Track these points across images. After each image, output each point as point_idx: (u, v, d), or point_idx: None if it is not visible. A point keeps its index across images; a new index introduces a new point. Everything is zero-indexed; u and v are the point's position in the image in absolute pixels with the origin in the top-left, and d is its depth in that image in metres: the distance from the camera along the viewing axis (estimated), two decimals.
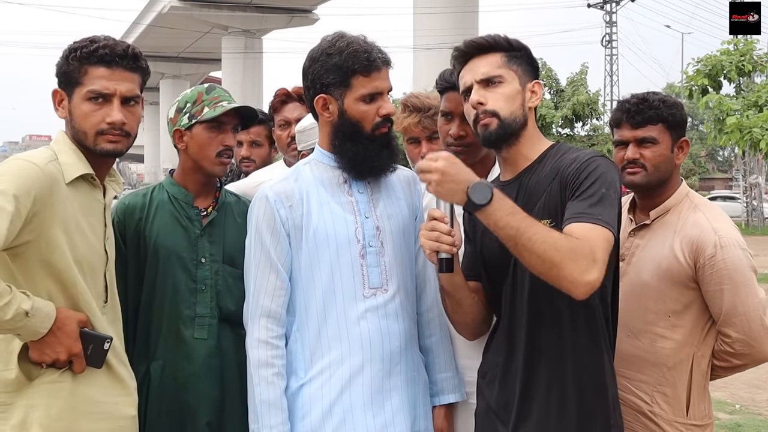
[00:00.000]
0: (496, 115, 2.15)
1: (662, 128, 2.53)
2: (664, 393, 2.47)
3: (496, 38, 2.20)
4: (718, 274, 2.41)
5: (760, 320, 2.43)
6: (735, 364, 2.52)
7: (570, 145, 2.33)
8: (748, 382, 7.43)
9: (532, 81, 2.22)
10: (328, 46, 2.24)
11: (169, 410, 2.48)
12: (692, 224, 2.48)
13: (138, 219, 2.56)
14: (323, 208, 2.27)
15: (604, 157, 2.11)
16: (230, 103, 2.56)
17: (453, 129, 2.57)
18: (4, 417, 2.08)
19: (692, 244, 2.45)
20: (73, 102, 2.20)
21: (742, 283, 2.42)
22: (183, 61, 50.57)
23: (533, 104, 2.22)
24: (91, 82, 2.17)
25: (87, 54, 2.17)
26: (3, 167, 2.06)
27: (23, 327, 2.00)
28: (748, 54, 16.97)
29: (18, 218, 1.97)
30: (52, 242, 2.08)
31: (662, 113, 2.53)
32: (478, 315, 2.28)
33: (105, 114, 2.18)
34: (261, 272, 2.25)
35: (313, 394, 2.22)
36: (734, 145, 17.44)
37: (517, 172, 2.21)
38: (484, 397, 2.27)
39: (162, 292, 2.52)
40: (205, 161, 2.57)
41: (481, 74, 2.17)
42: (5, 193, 1.96)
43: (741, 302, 2.41)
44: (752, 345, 2.44)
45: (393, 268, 2.29)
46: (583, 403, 2.08)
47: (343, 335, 2.23)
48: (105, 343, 2.15)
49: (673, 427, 2.47)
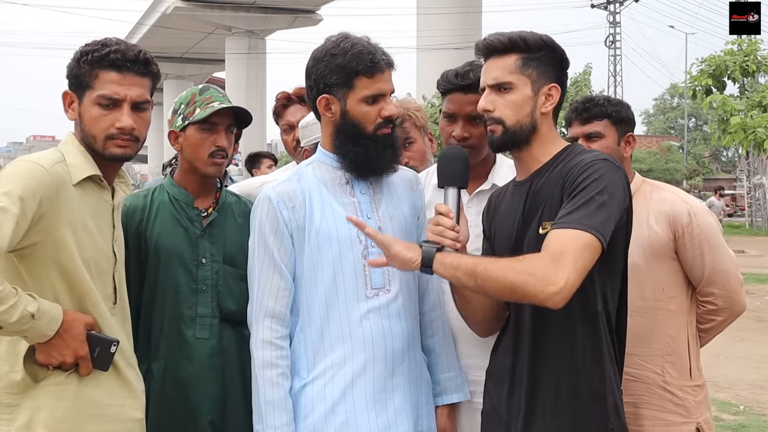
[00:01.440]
0: (502, 123, 2.15)
1: (607, 123, 2.77)
2: (672, 362, 2.67)
3: (513, 39, 2.16)
4: (698, 239, 2.65)
5: (735, 274, 2.72)
6: (717, 323, 2.75)
7: (583, 146, 2.32)
8: (752, 383, 7.42)
9: (549, 84, 2.18)
10: (332, 47, 2.24)
11: (171, 410, 2.49)
12: (660, 200, 2.71)
13: (139, 220, 2.56)
14: (326, 208, 2.27)
15: (607, 160, 2.08)
16: (222, 104, 2.55)
17: (456, 131, 2.57)
18: (10, 418, 2.08)
19: (668, 217, 2.67)
20: (84, 105, 2.20)
21: (717, 244, 2.68)
22: (186, 61, 50.63)
23: (547, 109, 2.18)
24: (101, 87, 2.17)
25: (98, 58, 2.17)
26: (9, 169, 2.07)
27: (29, 329, 2.00)
28: (752, 54, 16.96)
29: (24, 220, 1.98)
30: (60, 243, 2.08)
31: (606, 110, 2.78)
32: (489, 312, 2.27)
33: (115, 119, 2.18)
34: (265, 273, 2.26)
35: (315, 394, 2.23)
36: (738, 146, 17.43)
37: (529, 174, 2.21)
38: (490, 398, 2.27)
39: (163, 292, 2.53)
40: (198, 162, 2.58)
41: (492, 79, 2.16)
42: (11, 195, 1.96)
43: (719, 261, 2.67)
44: (732, 298, 2.70)
45: (395, 269, 2.29)
46: (581, 407, 2.07)
47: (346, 335, 2.24)
48: (111, 347, 2.15)
49: (683, 391, 2.66)
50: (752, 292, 13.51)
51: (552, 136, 2.21)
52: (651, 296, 2.66)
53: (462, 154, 2.23)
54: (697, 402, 2.68)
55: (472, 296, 2.22)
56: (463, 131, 2.56)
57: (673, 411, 2.64)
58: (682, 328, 2.68)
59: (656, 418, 2.64)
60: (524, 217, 2.17)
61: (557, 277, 1.89)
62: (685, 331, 2.69)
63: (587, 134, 2.77)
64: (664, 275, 2.67)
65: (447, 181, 2.18)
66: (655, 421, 2.64)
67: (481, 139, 2.54)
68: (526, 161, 2.21)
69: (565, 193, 2.06)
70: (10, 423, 2.08)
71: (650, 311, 2.66)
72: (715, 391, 7.05)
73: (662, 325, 2.66)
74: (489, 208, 2.37)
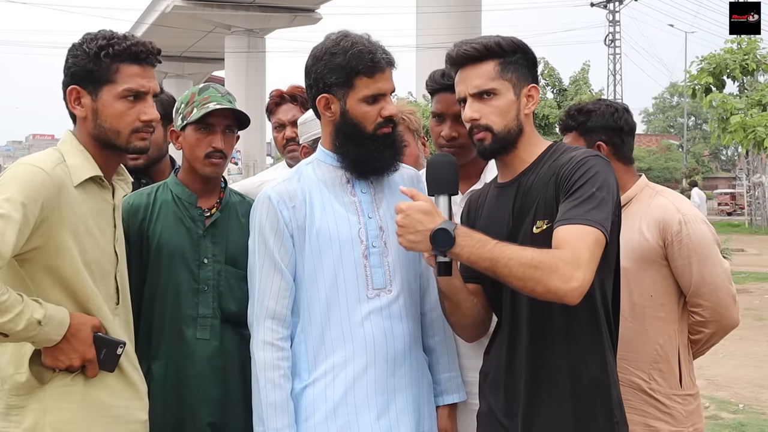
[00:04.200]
0: (490, 129, 2.15)
1: (575, 135, 2.79)
2: (659, 369, 2.63)
3: (489, 46, 2.15)
4: (686, 248, 2.61)
5: (726, 288, 2.64)
6: (707, 335, 2.70)
7: (566, 144, 2.33)
8: (751, 381, 7.43)
9: (528, 86, 2.19)
10: (332, 45, 2.23)
11: (172, 410, 2.48)
12: (655, 206, 2.69)
13: (142, 219, 2.56)
14: (326, 208, 2.26)
15: (599, 156, 2.11)
16: (219, 104, 2.54)
17: (445, 130, 2.57)
18: (16, 420, 2.07)
19: (658, 223, 2.64)
20: (102, 100, 2.16)
21: (708, 255, 2.62)
22: (186, 60, 50.54)
23: (529, 110, 2.19)
24: (125, 81, 2.15)
25: (119, 51, 2.14)
26: (10, 173, 2.05)
27: (37, 336, 1.99)
28: (751, 53, 16.95)
29: (26, 226, 1.97)
30: (61, 247, 2.07)
31: (570, 123, 2.80)
32: (477, 317, 2.27)
33: (140, 111, 2.17)
34: (265, 274, 2.25)
35: (316, 395, 2.22)
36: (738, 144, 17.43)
37: (515, 174, 2.21)
38: (486, 399, 2.26)
39: (164, 292, 2.52)
40: (195, 162, 2.58)
41: (474, 87, 2.15)
42: (13, 201, 1.95)
43: (708, 273, 2.61)
44: (720, 312, 2.64)
45: (396, 269, 2.29)
46: (586, 402, 2.08)
47: (347, 337, 2.23)
48: (118, 348, 2.14)
49: (671, 399, 2.63)
50: (752, 290, 13.51)
51: (535, 135, 2.23)
52: (639, 302, 2.64)
53: (450, 161, 2.20)
54: (687, 411, 2.64)
55: (462, 302, 2.22)
56: (452, 131, 2.55)
57: (659, 418, 2.62)
58: (672, 336, 2.65)
59: (641, 423, 2.61)
60: (515, 217, 2.16)
61: (577, 273, 1.91)
62: (675, 340, 2.65)
63: None
64: (652, 282, 2.64)
65: (437, 189, 2.16)
66: (641, 426, 2.60)
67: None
68: (511, 162, 2.21)
69: (561, 190, 2.06)
70: (17, 425, 2.07)
71: (638, 316, 2.64)
72: (714, 389, 7.06)
73: (651, 332, 2.63)
74: (469, 211, 2.35)
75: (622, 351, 2.52)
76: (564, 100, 27.39)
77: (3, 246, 1.91)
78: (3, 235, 1.91)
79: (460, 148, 2.53)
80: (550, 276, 1.91)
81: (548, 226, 2.05)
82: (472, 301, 2.24)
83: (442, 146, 2.60)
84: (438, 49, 24.15)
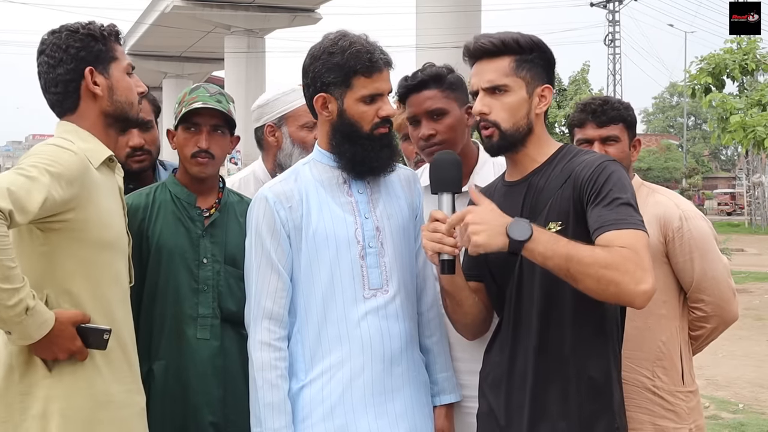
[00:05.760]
0: (497, 126, 2.14)
1: (623, 127, 2.76)
2: (663, 366, 2.65)
3: (506, 41, 2.15)
4: (687, 244, 2.62)
5: (726, 282, 2.68)
6: (708, 330, 2.72)
7: (576, 147, 2.33)
8: (751, 381, 7.43)
9: (542, 86, 2.18)
10: (330, 45, 2.23)
11: (173, 410, 2.48)
12: (654, 204, 2.68)
13: (141, 219, 2.56)
14: (323, 208, 2.26)
15: (614, 161, 2.11)
16: (204, 104, 2.55)
17: (422, 131, 2.53)
18: (23, 407, 2.08)
19: (659, 220, 2.64)
20: (114, 77, 2.28)
21: (709, 250, 2.65)
22: (186, 60, 50.53)
23: (541, 110, 2.19)
24: (124, 58, 2.33)
25: (114, 34, 2.33)
26: (38, 149, 2.11)
27: (19, 323, 1.96)
28: (751, 53, 16.98)
29: (56, 191, 2.00)
30: (88, 223, 2.11)
31: (622, 114, 2.76)
32: (479, 315, 2.27)
33: (136, 84, 2.35)
34: (262, 274, 2.24)
35: (313, 396, 2.22)
36: (737, 144, 17.44)
37: (525, 174, 2.20)
38: (486, 400, 2.25)
39: (164, 292, 2.52)
40: (184, 162, 2.60)
41: (487, 82, 2.15)
42: (40, 168, 1.99)
43: (710, 268, 2.64)
44: (722, 306, 2.67)
45: (393, 269, 2.29)
46: (589, 406, 2.07)
47: (344, 337, 2.23)
48: (104, 335, 2.14)
49: (674, 396, 2.65)
50: (751, 290, 13.52)
51: (546, 136, 2.23)
52: None
53: (454, 158, 2.20)
54: (689, 408, 2.66)
55: (465, 300, 2.22)
56: (427, 129, 2.52)
57: (664, 416, 2.62)
58: (674, 333, 2.66)
59: (646, 422, 2.61)
60: (524, 216, 2.14)
61: (647, 276, 1.90)
62: (677, 337, 2.67)
63: (604, 138, 2.73)
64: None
65: (440, 187, 2.16)
66: (646, 425, 2.61)
67: (448, 132, 2.51)
68: (521, 161, 2.21)
69: (584, 193, 2.05)
70: (24, 411, 2.07)
71: (641, 314, 2.60)
72: (714, 389, 7.06)
73: (653, 329, 2.64)
74: None
75: (626, 349, 2.52)
76: (563, 99, 27.36)
77: (29, 203, 1.94)
78: (30, 193, 1.94)
79: (440, 145, 2.49)
80: (624, 278, 1.88)
81: (561, 228, 2.04)
82: (474, 299, 2.24)
83: (423, 149, 2.56)
84: (438, 49, 24.17)
